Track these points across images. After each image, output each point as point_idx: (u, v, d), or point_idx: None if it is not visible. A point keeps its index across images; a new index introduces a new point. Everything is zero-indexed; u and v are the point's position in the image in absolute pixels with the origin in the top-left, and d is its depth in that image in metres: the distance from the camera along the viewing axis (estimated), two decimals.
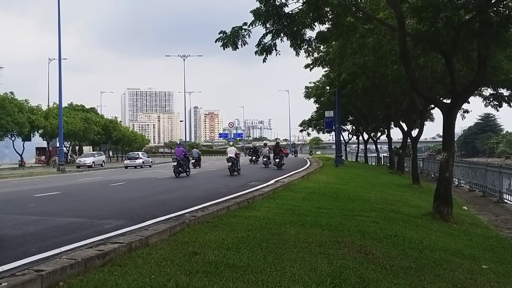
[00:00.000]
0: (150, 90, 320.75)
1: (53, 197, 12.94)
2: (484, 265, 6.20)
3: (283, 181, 15.61)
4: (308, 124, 57.55)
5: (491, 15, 9.10)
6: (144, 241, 5.73)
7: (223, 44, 9.77)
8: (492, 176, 16.20)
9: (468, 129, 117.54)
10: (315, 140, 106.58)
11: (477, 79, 10.57)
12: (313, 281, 4.42)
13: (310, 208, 9.41)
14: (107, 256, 4.96)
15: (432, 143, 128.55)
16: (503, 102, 23.99)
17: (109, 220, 7.87)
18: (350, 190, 13.95)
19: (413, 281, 4.80)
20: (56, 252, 5.32)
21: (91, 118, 54.21)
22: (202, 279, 4.36)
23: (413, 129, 28.58)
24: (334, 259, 5.26)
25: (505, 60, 16.75)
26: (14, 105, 39.78)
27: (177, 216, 7.87)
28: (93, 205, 10.83)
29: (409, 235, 7.36)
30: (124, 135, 67.47)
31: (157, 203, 10.69)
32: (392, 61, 17.21)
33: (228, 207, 8.88)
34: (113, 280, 4.25)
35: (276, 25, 10.21)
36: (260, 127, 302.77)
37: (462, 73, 16.52)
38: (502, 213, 12.74)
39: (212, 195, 11.48)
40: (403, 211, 10.45)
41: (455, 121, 10.70)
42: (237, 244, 5.77)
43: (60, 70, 33.52)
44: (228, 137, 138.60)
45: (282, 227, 7.05)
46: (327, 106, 37.12)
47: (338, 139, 35.57)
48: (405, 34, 10.32)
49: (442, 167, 10.48)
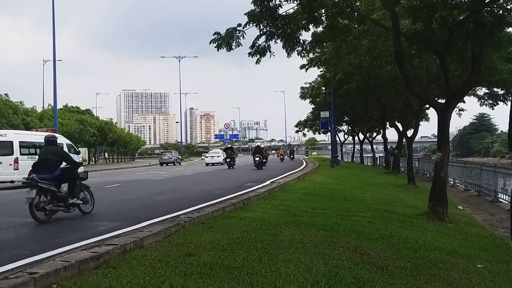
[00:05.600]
0: (146, 91, 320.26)
1: None
2: (479, 264, 6.21)
3: (279, 182, 15.60)
4: (304, 125, 57.59)
5: (485, 15, 9.14)
6: (139, 243, 5.70)
7: (217, 45, 9.76)
8: (487, 176, 16.26)
9: (463, 129, 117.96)
10: (311, 140, 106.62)
11: (472, 79, 10.62)
12: (308, 282, 4.42)
13: (306, 208, 9.41)
14: (101, 258, 4.93)
15: (427, 143, 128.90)
16: (498, 100, 24.11)
17: (104, 222, 7.84)
18: (345, 190, 13.97)
19: (408, 281, 4.80)
20: (50, 254, 5.29)
21: (87, 119, 54.08)
22: (197, 281, 4.34)
23: (408, 129, 28.65)
24: (329, 259, 5.25)
25: (499, 60, 16.84)
26: (9, 107, 39.58)
27: (172, 217, 7.84)
28: None
29: (404, 235, 7.37)
30: (120, 137, 67.35)
31: (152, 205, 10.66)
32: (387, 61, 17.25)
33: (224, 208, 8.86)
34: (107, 282, 4.23)
35: (270, 27, 10.21)
36: (256, 128, 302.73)
37: (456, 73, 16.59)
38: (497, 212, 12.79)
39: (208, 196, 11.44)
40: (398, 211, 10.47)
41: (450, 120, 10.74)
42: (232, 245, 5.76)
43: (54, 71, 33.35)
44: (224, 138, 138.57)
45: (278, 228, 7.04)
46: (322, 107, 37.14)
47: (334, 139, 35.58)
48: (399, 34, 10.34)
49: (437, 167, 10.51)
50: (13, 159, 17.80)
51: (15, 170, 17.78)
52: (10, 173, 17.74)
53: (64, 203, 8.55)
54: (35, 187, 8.04)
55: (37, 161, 8.89)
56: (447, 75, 10.80)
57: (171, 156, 47.42)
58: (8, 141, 18.21)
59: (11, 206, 11.48)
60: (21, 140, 18.78)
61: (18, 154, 18.05)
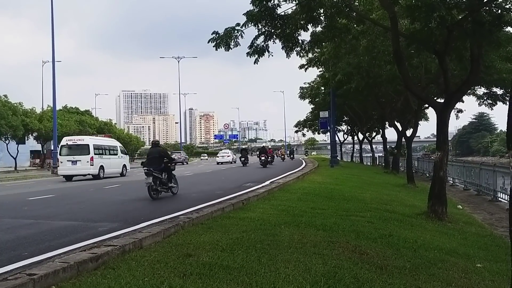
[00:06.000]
0: (145, 92, 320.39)
1: (47, 200, 12.86)
2: (479, 264, 6.21)
3: (278, 182, 15.60)
4: (303, 125, 57.57)
5: (484, 14, 9.16)
6: (138, 244, 5.70)
7: (215, 45, 9.76)
8: (486, 175, 16.26)
9: (462, 128, 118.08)
10: (310, 140, 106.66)
11: (470, 79, 10.62)
12: (307, 282, 4.41)
13: (305, 208, 9.40)
14: (100, 259, 4.92)
15: (426, 142, 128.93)
16: (497, 100, 24.11)
17: (103, 223, 7.83)
18: (345, 190, 13.97)
19: (407, 281, 4.80)
20: (49, 255, 5.28)
21: (86, 120, 54.09)
22: (196, 281, 4.33)
23: (408, 128, 28.66)
24: (328, 259, 5.24)
25: (498, 59, 16.85)
26: (8, 108, 39.60)
27: (172, 218, 7.84)
28: (87, 207, 10.78)
29: (403, 235, 7.36)
30: (119, 137, 67.18)
31: (152, 205, 10.66)
32: (386, 61, 17.27)
33: (223, 208, 8.86)
34: (106, 283, 4.22)
35: (269, 27, 10.21)
36: (255, 128, 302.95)
37: (455, 72, 16.62)
38: (497, 212, 12.79)
39: (207, 197, 11.44)
40: (397, 210, 10.47)
41: (449, 120, 10.74)
42: (231, 245, 5.75)
43: (54, 72, 33.40)
44: (223, 139, 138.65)
45: (277, 228, 7.04)
46: (322, 107, 37.13)
47: (333, 139, 35.58)
48: (398, 34, 10.35)
49: (436, 166, 10.51)
50: (89, 158, 23.70)
51: (91, 166, 23.72)
52: (88, 168, 23.75)
53: (166, 186, 12.39)
54: (150, 176, 11.73)
55: (147, 158, 12.65)
56: (446, 75, 10.81)
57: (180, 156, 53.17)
58: (86, 144, 24.27)
59: (11, 207, 11.48)
60: (94, 144, 24.75)
61: (93, 154, 23.92)
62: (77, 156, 23.62)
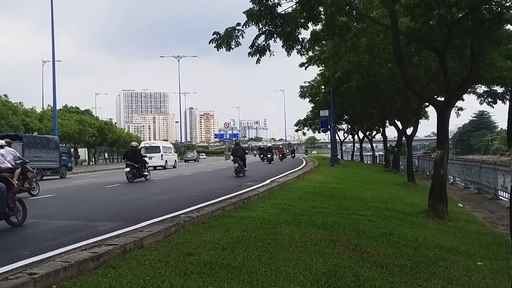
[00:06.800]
0: (145, 91, 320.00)
1: (48, 199, 12.85)
2: (479, 262, 6.21)
3: (279, 181, 15.59)
4: (304, 124, 57.60)
5: (484, 12, 9.14)
6: (139, 243, 5.70)
7: (217, 45, 9.76)
8: (487, 173, 16.26)
9: (463, 127, 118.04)
10: (311, 139, 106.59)
11: (471, 77, 10.61)
12: (308, 280, 4.41)
13: (306, 207, 9.40)
14: (101, 258, 4.92)
15: (427, 141, 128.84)
16: (497, 99, 24.07)
17: (104, 222, 7.83)
18: (345, 189, 13.97)
19: (408, 279, 4.80)
20: (50, 255, 5.28)
21: (86, 120, 54.09)
22: (197, 280, 4.34)
23: (408, 127, 28.64)
24: (329, 258, 5.25)
25: (499, 57, 16.85)
26: (8, 108, 39.60)
27: (172, 217, 7.84)
28: (88, 207, 10.77)
29: (404, 233, 7.37)
30: (120, 137, 67.29)
31: (152, 204, 10.65)
32: (386, 59, 17.25)
33: (224, 207, 8.85)
34: (107, 282, 4.22)
35: (269, 26, 10.20)
36: (255, 127, 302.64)
37: (456, 71, 16.59)
38: (497, 210, 12.79)
39: (208, 196, 11.44)
40: (398, 209, 10.47)
41: (449, 118, 10.74)
42: (232, 244, 5.75)
43: (54, 72, 33.35)
44: (223, 138, 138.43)
45: (277, 227, 7.04)
46: (322, 106, 37.10)
47: (334, 138, 35.55)
48: (398, 32, 10.34)
49: (437, 164, 10.50)
50: (160, 155, 35.79)
51: (161, 160, 35.66)
52: (159, 161, 35.50)
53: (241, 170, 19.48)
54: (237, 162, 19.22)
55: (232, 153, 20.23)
56: (446, 73, 10.79)
57: (193, 155, 65.00)
58: (157, 146, 37.79)
59: None
60: (162, 145, 38.41)
61: (162, 152, 36.34)
62: (152, 154, 33.76)
